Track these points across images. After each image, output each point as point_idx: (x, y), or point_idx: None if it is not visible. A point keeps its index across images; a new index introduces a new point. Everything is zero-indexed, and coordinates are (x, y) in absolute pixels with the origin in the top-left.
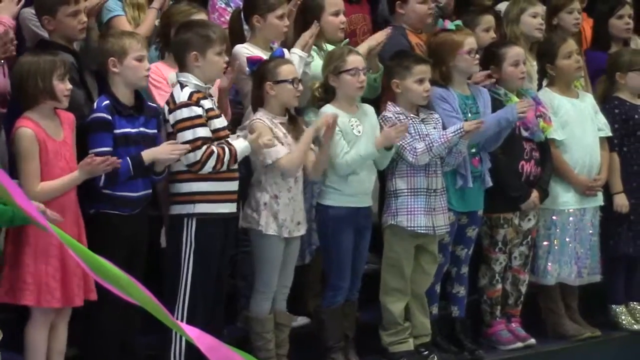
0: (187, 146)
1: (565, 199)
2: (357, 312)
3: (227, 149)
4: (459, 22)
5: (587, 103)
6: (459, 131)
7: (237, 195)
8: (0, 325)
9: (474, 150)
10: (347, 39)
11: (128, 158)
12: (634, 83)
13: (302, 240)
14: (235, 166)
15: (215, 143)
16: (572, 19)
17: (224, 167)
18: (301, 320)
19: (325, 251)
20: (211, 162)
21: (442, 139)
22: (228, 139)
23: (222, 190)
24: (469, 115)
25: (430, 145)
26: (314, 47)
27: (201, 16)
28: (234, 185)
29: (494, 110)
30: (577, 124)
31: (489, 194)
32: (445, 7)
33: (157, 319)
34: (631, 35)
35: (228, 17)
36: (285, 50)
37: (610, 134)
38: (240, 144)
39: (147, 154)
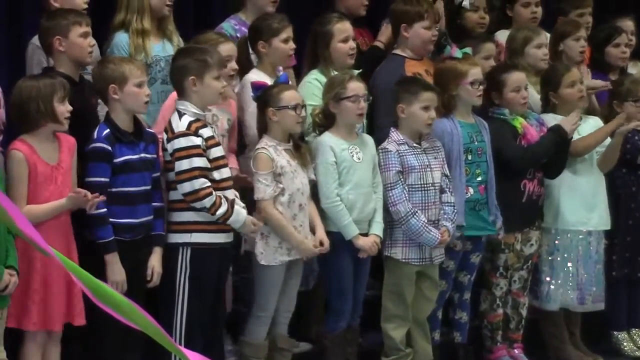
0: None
1: (570, 218)
2: (359, 337)
3: (225, 205)
4: (467, 49)
5: (590, 125)
6: (431, 243)
7: None
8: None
9: (480, 178)
10: (361, 70)
11: None
12: (629, 112)
13: (305, 265)
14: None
15: (221, 193)
16: (579, 47)
17: (214, 218)
18: (304, 346)
19: (325, 276)
20: (207, 202)
21: (414, 230)
22: (234, 198)
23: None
24: (476, 143)
25: (407, 220)
26: (322, 76)
27: (228, 46)
28: None
29: (495, 135)
30: None
31: None
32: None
33: (157, 344)
34: (627, 63)
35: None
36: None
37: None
38: (239, 212)
39: None
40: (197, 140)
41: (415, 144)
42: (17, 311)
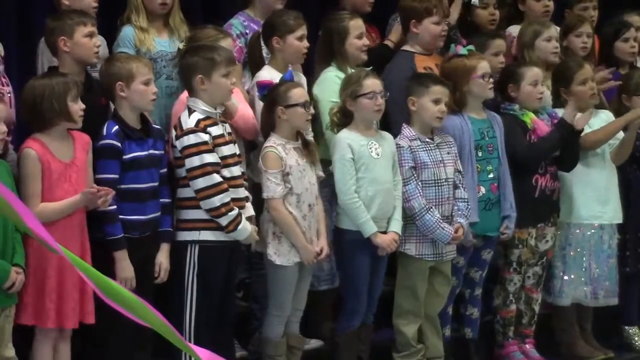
0: None
1: (583, 212)
2: (371, 335)
3: (238, 212)
4: (471, 47)
5: (601, 119)
6: (444, 239)
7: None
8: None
9: (492, 175)
10: (372, 67)
11: None
12: (638, 107)
13: (331, 263)
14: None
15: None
16: (580, 43)
17: (222, 220)
18: (314, 343)
19: (342, 275)
20: (219, 199)
21: (428, 225)
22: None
23: None
24: (486, 139)
25: (421, 215)
26: (340, 72)
27: (227, 42)
28: None
29: (504, 131)
30: None
31: None
32: (453, 29)
33: (167, 341)
34: (636, 58)
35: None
36: (297, 73)
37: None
38: (246, 225)
39: None
40: (205, 137)
41: (427, 139)
42: (34, 309)
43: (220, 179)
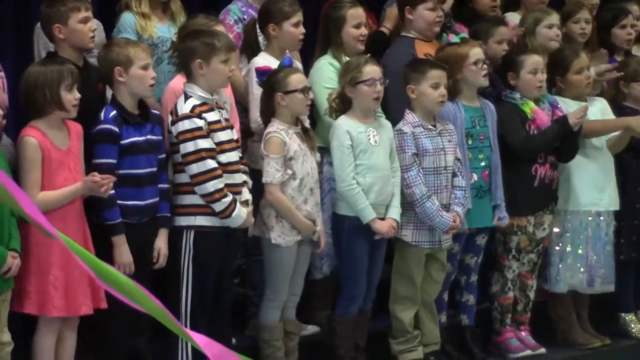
0: None
1: (581, 199)
2: (369, 321)
3: (232, 198)
4: (463, 34)
5: (597, 107)
6: (443, 227)
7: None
8: (11, 334)
9: (484, 163)
10: (369, 54)
11: None
12: (637, 94)
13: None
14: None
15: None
16: (578, 29)
17: (216, 206)
18: (311, 329)
19: (340, 261)
20: (212, 185)
21: (427, 213)
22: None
23: None
24: (477, 127)
25: (421, 203)
26: (334, 60)
27: (219, 29)
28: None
29: (502, 120)
30: None
31: None
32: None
33: (164, 326)
34: (632, 45)
35: (232, 35)
36: (294, 60)
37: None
38: (240, 212)
39: None
40: (200, 122)
41: (430, 126)
42: (38, 298)
43: (215, 165)
